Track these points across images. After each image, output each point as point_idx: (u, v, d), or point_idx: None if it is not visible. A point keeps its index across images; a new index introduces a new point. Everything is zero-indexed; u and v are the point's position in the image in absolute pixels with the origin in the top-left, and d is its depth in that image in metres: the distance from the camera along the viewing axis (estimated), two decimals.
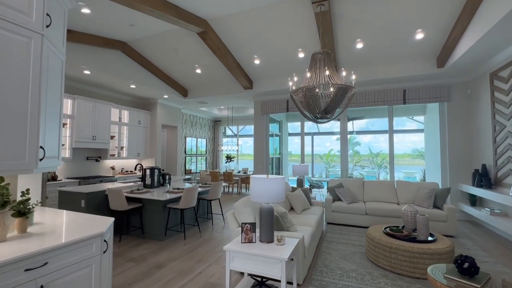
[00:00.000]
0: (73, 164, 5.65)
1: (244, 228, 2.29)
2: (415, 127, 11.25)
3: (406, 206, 3.20)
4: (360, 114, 8.82)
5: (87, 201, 3.74)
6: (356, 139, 16.75)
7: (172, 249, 3.54)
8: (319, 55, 3.50)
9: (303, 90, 3.32)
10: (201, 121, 10.29)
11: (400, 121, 12.78)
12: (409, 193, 4.76)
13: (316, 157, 17.50)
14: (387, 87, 5.71)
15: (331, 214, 4.77)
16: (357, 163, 15.23)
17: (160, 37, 5.01)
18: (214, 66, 5.89)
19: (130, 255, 3.32)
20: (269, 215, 2.29)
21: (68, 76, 5.27)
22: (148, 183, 4.48)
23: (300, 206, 4.02)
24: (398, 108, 8.95)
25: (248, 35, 4.78)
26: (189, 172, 9.48)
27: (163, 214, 3.85)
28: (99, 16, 4.05)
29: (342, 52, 4.97)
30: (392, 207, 4.42)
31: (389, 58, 5.03)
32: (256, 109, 7.14)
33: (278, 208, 2.97)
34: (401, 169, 14.92)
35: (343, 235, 4.13)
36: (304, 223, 3.36)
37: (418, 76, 5.13)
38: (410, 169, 13.19)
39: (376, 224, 4.46)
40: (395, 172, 15.48)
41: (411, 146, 19.48)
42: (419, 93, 5.43)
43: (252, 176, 2.29)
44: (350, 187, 5.17)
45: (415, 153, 15.57)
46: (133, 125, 6.90)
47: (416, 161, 16.62)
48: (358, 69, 5.39)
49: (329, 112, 3.48)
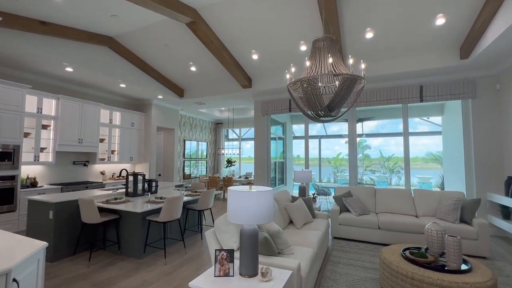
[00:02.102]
0: (56, 169, 5.25)
1: (218, 256, 1.75)
2: (429, 129, 10.49)
3: (431, 224, 2.58)
4: (369, 115, 8.17)
5: (56, 212, 3.28)
6: (366, 142, 16.00)
7: (149, 269, 3.03)
8: (321, 42, 2.97)
9: (302, 83, 2.78)
10: (201, 124, 9.84)
11: (412, 123, 12.02)
12: (429, 203, 4.11)
13: (324, 161, 16.82)
14: (401, 83, 5.09)
15: (338, 227, 4.16)
16: (367, 168, 14.45)
17: (149, 31, 4.58)
18: (210, 62, 5.41)
19: (98, 277, 2.82)
20: (252, 240, 1.74)
21: (48, 74, 4.90)
22: (131, 191, 4.00)
23: (301, 219, 3.44)
24: (412, 108, 8.25)
25: (243, 26, 4.29)
26: (188, 177, 9.02)
27: (142, 227, 3.35)
28: (73, 5, 3.63)
29: (350, 43, 4.40)
30: (410, 221, 3.77)
31: (404, 50, 4.42)
32: (256, 109, 6.62)
33: (270, 226, 2.42)
34: (414, 173, 14.06)
35: (352, 253, 3.52)
36: (304, 242, 2.78)
37: (437, 69, 4.50)
38: (424, 174, 12.33)
39: (391, 240, 3.83)
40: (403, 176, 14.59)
41: (424, 150, 18.51)
42: (438, 89, 4.78)
43: (230, 189, 1.76)
44: (359, 196, 4.55)
45: (429, 157, 14.67)
46: (125, 127, 6.49)
47: (430, 165, 15.69)
48: (368, 62, 4.80)
49: (333, 109, 2.91)
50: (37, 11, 3.68)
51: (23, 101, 4.33)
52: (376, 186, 12.07)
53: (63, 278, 2.79)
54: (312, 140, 14.54)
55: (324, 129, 13.19)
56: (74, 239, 3.42)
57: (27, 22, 3.77)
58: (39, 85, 5.01)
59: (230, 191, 1.74)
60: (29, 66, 4.53)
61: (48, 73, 4.87)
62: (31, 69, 4.64)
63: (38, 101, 4.75)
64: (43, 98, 4.82)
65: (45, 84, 5.12)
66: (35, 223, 3.41)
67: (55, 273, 2.89)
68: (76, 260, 3.27)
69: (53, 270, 2.98)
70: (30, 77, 4.87)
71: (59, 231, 3.29)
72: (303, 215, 3.49)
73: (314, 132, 13.31)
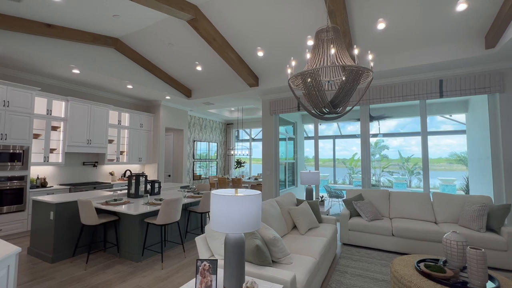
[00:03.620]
0: (66, 169, 5.35)
1: (200, 267, 1.59)
2: (452, 128, 9.79)
3: (450, 234, 2.27)
4: (386, 113, 7.72)
5: (57, 212, 3.27)
6: (383, 142, 15.32)
7: (145, 274, 2.93)
8: (325, 32, 2.74)
9: (302, 77, 2.56)
10: (211, 124, 9.79)
11: (434, 121, 11.31)
12: (450, 209, 3.72)
13: (340, 162, 16.28)
14: (418, 77, 4.70)
15: (348, 233, 3.88)
16: (385, 169, 13.79)
17: (152, 31, 4.53)
18: (214, 61, 5.30)
19: (93, 281, 2.75)
20: (237, 250, 1.56)
21: (56, 76, 4.99)
22: (132, 192, 3.95)
23: (305, 224, 3.21)
24: (432, 105, 7.73)
25: (246, 22, 4.12)
26: (198, 178, 8.99)
27: (140, 230, 3.27)
28: (75, 6, 3.63)
29: (360, 35, 4.11)
30: (428, 228, 3.42)
31: (421, 41, 4.06)
32: (264, 108, 6.43)
33: (265, 232, 2.22)
34: (436, 175, 13.25)
35: (361, 262, 3.24)
36: (306, 250, 2.56)
37: (459, 61, 4.09)
38: (448, 176, 11.54)
39: (406, 249, 3.49)
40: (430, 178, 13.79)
41: (447, 150, 17.46)
42: (460, 83, 4.36)
43: (212, 193, 1.59)
44: (372, 199, 4.23)
45: (453, 158, 13.76)
46: (134, 128, 6.54)
47: (454, 166, 14.74)
48: (381, 56, 4.48)
49: (338, 105, 2.66)
50: (41, 14, 3.73)
51: (32, 103, 4.42)
52: (394, 188, 11.47)
53: (59, 280, 2.75)
54: (327, 140, 14.13)
55: (339, 129, 12.76)
56: (74, 240, 3.40)
57: (33, 25, 3.83)
58: (49, 87, 5.13)
59: (213, 195, 1.57)
60: (37, 69, 4.63)
61: (56, 75, 4.96)
62: (39, 71, 4.74)
63: (48, 103, 4.85)
64: (53, 100, 4.93)
65: (54, 86, 5.24)
66: (38, 223, 3.43)
67: (52, 275, 2.87)
68: (76, 261, 3.24)
69: (52, 271, 2.96)
70: (39, 80, 4.99)
71: (60, 232, 3.28)
72: (308, 220, 3.26)
73: (331, 132, 12.91)
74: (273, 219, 2.92)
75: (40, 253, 3.32)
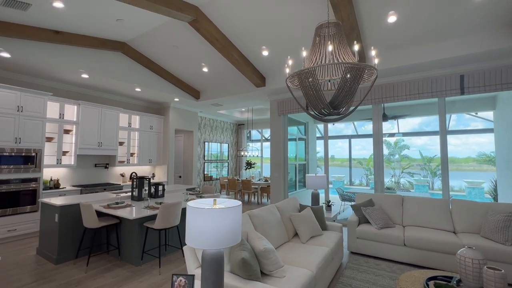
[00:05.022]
0: (79, 171, 5.53)
1: (176, 283, 1.50)
2: (481, 126, 9.07)
3: (465, 250, 2.01)
4: (405, 111, 7.27)
5: (61, 215, 3.35)
6: (404, 141, 14.57)
7: (141, 279, 2.91)
8: (325, 28, 2.57)
9: (299, 76, 2.40)
10: (222, 125, 9.78)
11: (462, 119, 10.55)
12: (472, 217, 3.38)
13: (356, 162, 15.71)
14: (436, 73, 4.33)
15: (356, 241, 3.64)
16: (405, 170, 13.10)
17: (157, 34, 4.54)
18: (220, 62, 5.23)
19: (90, 285, 2.77)
20: (215, 266, 1.45)
21: (67, 81, 5.15)
22: (135, 195, 3.98)
23: (307, 232, 3.04)
24: (455, 103, 7.18)
25: (249, 21, 4.00)
26: (209, 179, 9.01)
27: (139, 234, 3.26)
28: (77, 12, 3.70)
29: (369, 30, 3.84)
30: (444, 238, 3.12)
31: (438, 33, 3.72)
32: (272, 109, 6.28)
33: (256, 243, 2.10)
34: (463, 176, 12.36)
35: (368, 274, 3.01)
36: (303, 262, 2.40)
37: (483, 54, 3.70)
38: (475, 177, 10.70)
39: (420, 260, 3.21)
40: (454, 180, 12.85)
41: (477, 149, 16.32)
42: (484, 78, 3.95)
43: (188, 205, 1.49)
44: (383, 205, 3.95)
45: (482, 158, 12.77)
46: (144, 130, 6.65)
47: (484, 166, 13.71)
48: (393, 52, 4.17)
49: (338, 106, 2.47)
50: (49, 22, 3.84)
51: (44, 108, 4.59)
52: (415, 191, 10.82)
53: (59, 283, 2.80)
54: (343, 140, 13.63)
55: (355, 129, 12.31)
56: (77, 242, 3.47)
57: (41, 33, 3.96)
58: (60, 92, 5.31)
59: (189, 207, 1.47)
60: (48, 74, 4.80)
61: (67, 80, 5.12)
62: (51, 77, 4.92)
63: (60, 107, 5.02)
64: (65, 104, 5.10)
65: (66, 90, 5.42)
66: (45, 224, 3.53)
67: (53, 277, 2.92)
68: (78, 263, 3.30)
69: (54, 273, 3.03)
70: (51, 85, 5.18)
71: (64, 234, 3.35)
72: (310, 227, 3.08)
73: (350, 131, 12.50)
74: (271, 227, 2.78)
75: (47, 254, 3.41)
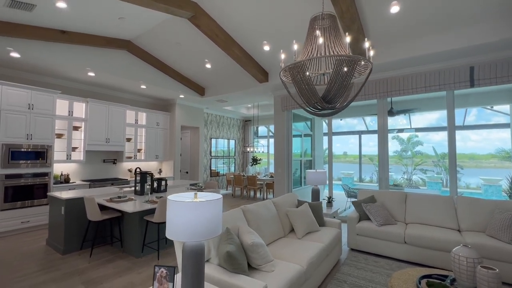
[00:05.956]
0: (88, 166, 5.73)
1: (157, 273, 1.54)
2: (503, 120, 8.61)
3: (460, 248, 1.94)
4: (411, 106, 7.03)
5: (67, 208, 3.50)
6: (417, 137, 14.12)
7: (140, 270, 3.00)
8: (319, 20, 2.52)
9: (291, 70, 2.37)
10: (229, 121, 9.82)
11: (483, 113, 10.08)
12: (477, 215, 3.24)
13: (367, 159, 15.40)
14: (443, 65, 4.15)
15: (355, 238, 3.59)
16: (417, 166, 12.70)
17: (159, 31, 4.59)
18: (222, 58, 5.24)
19: (92, 274, 2.89)
20: (194, 259, 1.47)
21: (75, 79, 5.32)
22: (138, 190, 4.09)
23: (303, 228, 3.02)
24: (469, 96, 6.87)
25: (249, 15, 3.97)
26: (215, 174, 9.11)
27: (139, 227, 3.36)
28: (80, 11, 3.79)
29: (371, 20, 3.72)
30: (447, 236, 3.01)
31: (444, 22, 3.55)
32: (276, 104, 6.24)
33: (245, 237, 2.11)
34: (481, 173, 11.84)
35: (365, 271, 2.96)
36: (295, 257, 2.39)
37: (495, 43, 3.49)
38: (493, 175, 10.24)
39: (420, 258, 3.12)
40: (473, 177, 12.38)
41: (498, 145, 15.62)
42: (496, 69, 3.75)
43: (168, 199, 1.51)
44: (386, 202, 3.86)
45: (501, 154, 12.18)
46: (151, 127, 6.79)
47: (506, 163, 13.09)
48: (397, 43, 4.03)
49: (331, 101, 2.42)
50: (55, 22, 3.96)
51: (54, 106, 4.78)
52: (427, 188, 10.48)
53: (63, 272, 2.94)
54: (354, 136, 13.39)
55: (365, 124, 12.05)
56: (82, 234, 3.61)
57: (48, 33, 4.10)
58: (69, 90, 5.49)
59: (169, 201, 1.50)
60: (56, 73, 4.98)
61: (74, 78, 5.30)
62: (59, 75, 5.09)
63: (69, 104, 5.21)
64: (74, 102, 5.28)
65: (74, 88, 5.60)
66: (53, 217, 3.71)
67: (58, 266, 3.07)
68: (83, 254, 3.45)
69: (60, 262, 3.18)
70: (60, 83, 5.36)
71: (70, 226, 3.50)
72: (306, 223, 3.06)
73: (363, 127, 12.28)
74: (265, 222, 2.78)
75: (55, 244, 3.59)
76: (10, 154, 4.25)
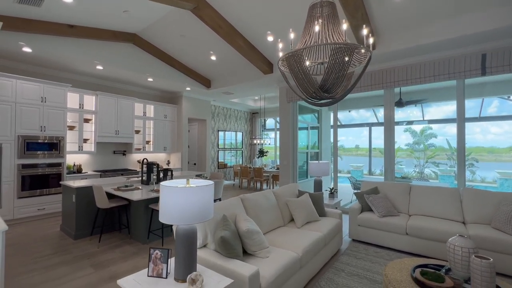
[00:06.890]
0: (99, 157, 5.95)
1: (153, 255, 1.62)
2: None
3: (455, 238, 1.92)
4: (422, 96, 6.82)
5: (78, 196, 3.68)
6: (431, 130, 13.71)
7: (145, 256, 3.14)
8: (318, 8, 2.48)
9: (288, 59, 2.37)
10: (236, 114, 9.86)
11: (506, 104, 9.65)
12: (483, 208, 3.16)
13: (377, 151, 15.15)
14: (453, 53, 3.99)
15: (357, 228, 3.59)
16: (430, 159, 12.37)
17: (164, 23, 4.63)
18: (226, 50, 5.24)
19: (100, 258, 3.05)
20: (186, 241, 1.54)
21: (84, 72, 5.47)
22: (145, 179, 4.23)
23: (302, 217, 3.05)
24: (485, 85, 6.58)
25: (251, 5, 3.94)
26: (223, 166, 9.23)
27: (145, 215, 3.50)
28: (86, 6, 3.88)
29: (376, 8, 3.61)
30: (449, 228, 2.97)
31: (453, 7, 3.40)
32: (281, 96, 6.21)
33: (241, 224, 2.17)
34: (498, 167, 11.40)
35: (364, 261, 2.97)
36: (291, 245, 2.43)
37: (506, 28, 3.33)
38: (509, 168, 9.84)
39: (422, 250, 3.10)
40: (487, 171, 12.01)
41: None
42: (510, 56, 3.57)
43: (161, 184, 1.58)
44: (389, 193, 3.82)
45: None
46: (158, 119, 6.93)
47: None
48: (403, 31, 3.89)
49: (329, 90, 2.40)
50: (63, 16, 4.08)
51: (65, 99, 4.96)
52: (439, 181, 10.22)
53: (74, 255, 3.12)
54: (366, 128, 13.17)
55: (375, 116, 11.79)
56: (92, 220, 3.80)
57: (57, 27, 4.23)
58: (79, 83, 5.67)
59: (162, 186, 1.56)
60: (66, 67, 5.14)
61: (84, 72, 5.46)
62: (69, 69, 5.26)
63: (80, 97, 5.39)
64: (84, 95, 5.46)
65: (84, 82, 5.77)
66: (66, 204, 3.91)
67: (70, 250, 3.26)
68: (94, 239, 3.63)
69: (72, 247, 3.37)
70: (70, 76, 5.54)
71: (80, 213, 3.69)
72: (306, 213, 3.09)
73: (375, 120, 12.08)
74: (264, 211, 2.83)
75: (67, 230, 3.79)
76: (25, 145, 4.47)
